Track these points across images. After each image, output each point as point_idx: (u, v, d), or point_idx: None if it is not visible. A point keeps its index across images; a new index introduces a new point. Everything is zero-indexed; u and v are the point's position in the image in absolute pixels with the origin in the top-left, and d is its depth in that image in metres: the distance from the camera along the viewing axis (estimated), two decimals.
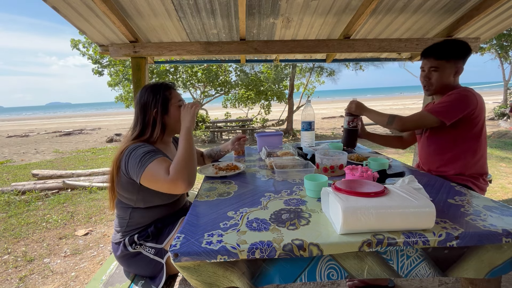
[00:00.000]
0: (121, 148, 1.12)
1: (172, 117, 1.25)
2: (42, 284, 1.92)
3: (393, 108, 18.79)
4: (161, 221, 1.21)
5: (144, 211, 1.17)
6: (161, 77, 9.12)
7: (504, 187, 3.37)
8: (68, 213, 3.14)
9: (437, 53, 1.38)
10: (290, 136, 9.05)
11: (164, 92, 1.24)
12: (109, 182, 1.15)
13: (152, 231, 1.17)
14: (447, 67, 1.38)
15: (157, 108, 1.21)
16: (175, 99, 1.26)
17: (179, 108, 1.26)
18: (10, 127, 19.93)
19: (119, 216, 1.20)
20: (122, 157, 1.10)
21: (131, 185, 1.10)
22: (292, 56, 3.22)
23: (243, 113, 12.79)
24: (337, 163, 1.29)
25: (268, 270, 0.77)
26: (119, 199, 1.17)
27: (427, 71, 1.43)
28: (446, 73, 1.39)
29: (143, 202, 1.16)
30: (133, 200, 1.15)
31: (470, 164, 1.40)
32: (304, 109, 1.89)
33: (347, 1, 2.12)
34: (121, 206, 1.18)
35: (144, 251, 1.16)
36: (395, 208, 0.76)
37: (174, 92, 1.28)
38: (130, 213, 1.17)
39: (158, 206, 1.19)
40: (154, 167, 1.03)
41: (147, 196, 1.14)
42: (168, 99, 1.24)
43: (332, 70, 9.31)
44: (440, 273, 0.78)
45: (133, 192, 1.13)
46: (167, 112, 1.24)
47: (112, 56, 2.44)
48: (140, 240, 1.16)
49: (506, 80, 10.89)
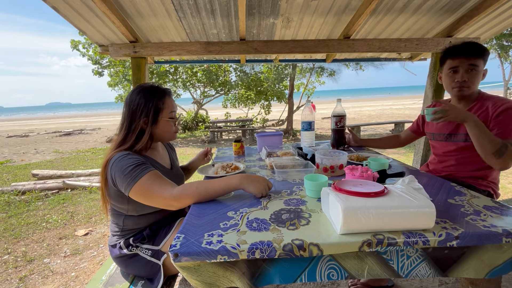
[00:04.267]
0: (106, 158, 1.07)
1: (160, 129, 1.19)
2: (42, 284, 1.92)
3: (393, 108, 18.79)
4: (156, 223, 1.19)
5: (137, 218, 1.16)
6: (161, 77, 9.12)
7: (504, 187, 3.36)
8: (68, 213, 3.14)
9: (473, 51, 1.29)
10: (290, 136, 9.05)
11: (157, 101, 1.16)
12: (100, 188, 1.12)
13: (147, 233, 1.15)
14: (481, 66, 1.31)
15: (147, 117, 1.14)
16: (167, 110, 1.19)
17: (169, 121, 1.20)
18: (10, 127, 19.92)
19: (113, 222, 1.19)
20: (108, 168, 1.05)
21: (120, 196, 1.07)
22: (292, 56, 3.22)
23: (243, 113, 12.79)
24: (337, 163, 1.29)
25: (268, 270, 0.76)
26: (111, 207, 1.15)
27: (463, 71, 1.32)
28: (479, 73, 1.33)
29: (135, 211, 1.13)
30: (124, 209, 1.13)
31: (496, 171, 1.38)
32: (304, 109, 1.89)
33: (347, 1, 2.12)
34: (114, 213, 1.16)
35: (140, 252, 1.15)
36: (395, 208, 0.76)
37: (168, 100, 1.19)
38: (123, 220, 1.15)
39: (151, 213, 1.16)
40: (147, 182, 0.99)
41: (138, 206, 1.10)
42: (160, 109, 1.16)
43: (333, 71, 9.31)
44: (440, 273, 0.78)
45: (123, 202, 1.10)
46: (157, 123, 1.17)
47: (112, 56, 2.44)
48: (136, 242, 1.15)
49: (506, 80, 10.90)
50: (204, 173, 1.39)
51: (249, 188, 1.03)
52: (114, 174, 1.02)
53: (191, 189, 1.00)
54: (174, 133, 1.25)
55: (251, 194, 1.08)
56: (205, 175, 1.37)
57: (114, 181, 1.03)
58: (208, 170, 1.45)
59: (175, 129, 1.25)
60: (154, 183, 0.99)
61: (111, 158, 1.05)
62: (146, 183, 0.99)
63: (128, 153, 1.06)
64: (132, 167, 1.00)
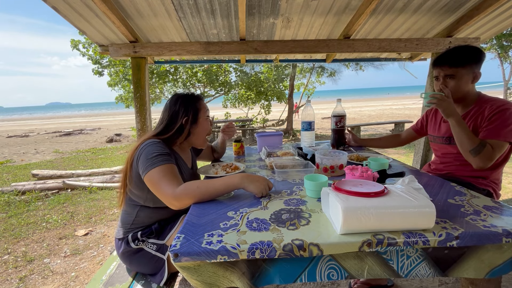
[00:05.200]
0: (139, 141, 1.14)
1: (200, 127, 1.30)
2: (42, 284, 1.92)
3: (393, 108, 18.79)
4: (166, 219, 1.23)
5: (151, 210, 1.18)
6: (161, 77, 9.12)
7: (504, 187, 3.36)
8: (68, 213, 3.14)
9: (451, 60, 1.32)
10: (290, 136, 9.05)
11: (196, 103, 1.29)
12: (121, 178, 1.16)
13: (156, 228, 1.18)
14: (464, 73, 1.31)
15: (188, 117, 1.26)
16: (204, 110, 1.32)
17: (207, 120, 1.33)
18: (10, 127, 19.93)
19: (126, 212, 1.20)
20: (138, 150, 1.11)
21: (140, 181, 1.11)
22: (292, 56, 3.22)
23: (243, 113, 12.79)
24: (337, 163, 1.29)
25: (268, 270, 0.77)
26: (129, 195, 1.18)
27: (442, 80, 1.36)
28: (463, 80, 1.32)
29: (153, 201, 1.16)
30: (142, 198, 1.16)
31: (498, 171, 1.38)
32: (304, 109, 1.89)
33: (347, 1, 2.12)
34: (130, 203, 1.19)
35: (146, 247, 1.17)
36: (395, 208, 0.76)
37: (203, 103, 1.33)
38: (138, 211, 1.18)
39: (166, 207, 1.16)
40: (160, 173, 1.03)
41: (156, 196, 1.12)
42: (199, 109, 1.30)
43: (333, 71, 9.30)
44: (440, 273, 0.78)
45: (144, 189, 1.12)
46: (196, 122, 1.29)
47: (112, 56, 2.44)
48: (143, 236, 1.17)
49: (506, 80, 10.90)
50: (204, 173, 1.39)
51: (250, 187, 1.04)
52: (140, 154, 1.08)
53: (192, 188, 1.01)
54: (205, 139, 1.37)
55: (251, 194, 1.08)
56: (205, 175, 1.37)
57: (138, 161, 1.08)
58: (208, 170, 1.46)
59: (209, 131, 1.36)
60: (165, 177, 1.02)
61: (144, 141, 1.12)
62: (159, 173, 1.03)
63: (160, 141, 1.14)
64: (156, 154, 1.06)
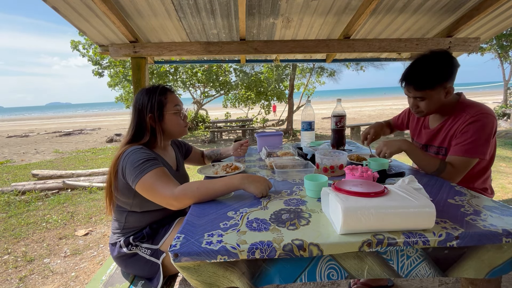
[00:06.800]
0: (119, 152, 1.11)
1: (167, 123, 1.22)
2: (42, 284, 1.92)
3: (393, 108, 18.79)
4: (156, 222, 1.20)
5: (139, 215, 1.17)
6: (161, 77, 9.12)
7: (504, 187, 3.36)
8: (68, 213, 3.14)
9: (418, 83, 1.24)
10: (290, 136, 9.05)
11: (159, 97, 1.19)
12: (106, 186, 1.14)
13: (147, 232, 1.16)
14: (434, 94, 1.24)
15: (152, 113, 1.18)
16: (171, 104, 1.22)
17: (175, 114, 1.22)
18: (10, 127, 19.93)
19: (115, 218, 1.20)
20: (120, 160, 1.08)
21: (127, 189, 1.09)
22: (292, 56, 3.22)
23: (243, 113, 12.79)
24: (337, 163, 1.29)
25: (268, 270, 0.76)
26: (116, 202, 1.17)
27: (413, 100, 1.31)
28: (434, 100, 1.25)
29: (139, 207, 1.14)
30: (128, 204, 1.14)
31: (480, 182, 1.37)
32: (304, 109, 1.89)
33: (347, 1, 2.12)
34: (118, 209, 1.18)
35: (140, 251, 1.16)
36: (395, 208, 0.76)
37: (170, 96, 1.23)
38: (126, 216, 1.17)
39: (154, 211, 1.18)
40: (153, 178, 1.01)
41: (142, 201, 1.12)
42: (163, 104, 1.20)
43: (333, 71, 9.31)
44: (440, 273, 0.78)
45: (129, 196, 1.12)
46: (163, 118, 1.20)
47: (112, 56, 2.44)
48: (136, 241, 1.16)
49: (506, 80, 10.90)
50: (204, 173, 1.39)
51: (250, 188, 1.03)
52: (125, 165, 1.05)
53: (192, 188, 1.01)
54: (183, 128, 1.28)
55: (251, 194, 1.08)
56: (205, 175, 1.37)
57: (124, 172, 1.06)
58: (208, 170, 1.45)
59: (183, 123, 1.27)
60: (159, 180, 1.01)
61: (124, 151, 1.09)
62: (152, 178, 1.01)
63: (142, 147, 1.11)
64: (142, 161, 1.04)
